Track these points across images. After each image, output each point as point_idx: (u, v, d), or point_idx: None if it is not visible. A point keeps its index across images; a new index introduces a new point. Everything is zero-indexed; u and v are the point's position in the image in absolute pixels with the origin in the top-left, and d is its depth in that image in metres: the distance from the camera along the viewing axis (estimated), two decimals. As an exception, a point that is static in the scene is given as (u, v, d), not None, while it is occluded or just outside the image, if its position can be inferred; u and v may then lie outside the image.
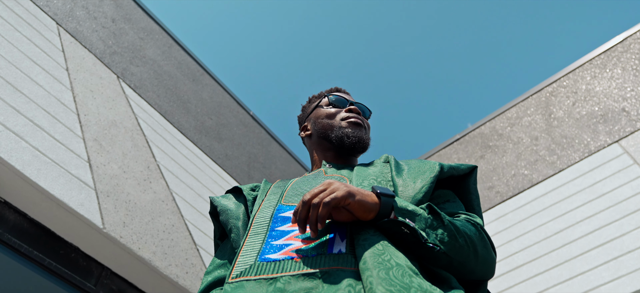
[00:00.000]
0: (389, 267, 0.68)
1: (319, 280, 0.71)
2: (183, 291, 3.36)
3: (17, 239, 2.86)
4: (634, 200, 3.93)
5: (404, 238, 0.78)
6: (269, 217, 0.92)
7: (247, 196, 1.06)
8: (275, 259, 0.79)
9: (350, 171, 1.05)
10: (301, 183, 1.01)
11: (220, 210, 1.04)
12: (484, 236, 0.87)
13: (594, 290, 3.67)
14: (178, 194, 3.79)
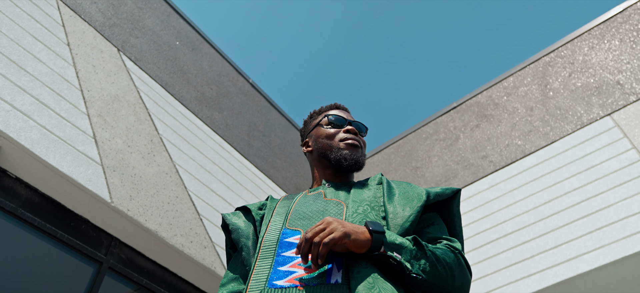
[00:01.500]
0: None
1: None
2: (188, 259, 3.56)
3: (30, 213, 3.00)
4: (620, 173, 4.08)
5: (392, 268, 0.91)
6: (275, 242, 1.04)
7: (255, 216, 1.18)
8: (281, 286, 0.92)
9: (347, 193, 1.15)
10: (303, 205, 1.12)
11: (232, 229, 1.17)
12: (461, 261, 0.99)
13: (576, 258, 3.88)
14: (181, 166, 3.92)
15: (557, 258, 3.99)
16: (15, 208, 2.94)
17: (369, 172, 6.41)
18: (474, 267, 4.44)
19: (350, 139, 1.23)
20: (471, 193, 5.00)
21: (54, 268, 3.12)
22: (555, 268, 3.95)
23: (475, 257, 4.49)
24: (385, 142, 6.51)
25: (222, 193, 4.21)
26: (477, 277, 4.36)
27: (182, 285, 3.75)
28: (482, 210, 4.77)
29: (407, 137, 6.28)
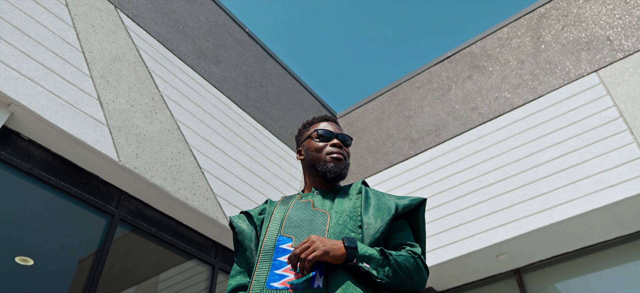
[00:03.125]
0: None
1: None
2: (192, 210, 3.86)
3: (45, 173, 3.24)
4: (599, 130, 4.30)
5: (363, 274, 1.15)
6: (272, 247, 1.26)
7: (256, 221, 1.41)
8: (276, 288, 1.17)
9: (332, 202, 1.37)
10: (295, 213, 1.34)
11: (237, 231, 1.41)
12: (420, 264, 1.23)
13: (551, 208, 4.21)
14: (182, 122, 4.11)
15: (533, 209, 4.32)
16: (31, 168, 3.17)
17: (364, 119, 6.62)
18: (458, 214, 4.79)
19: (335, 153, 1.44)
20: (459, 144, 5.24)
21: (71, 221, 3.42)
22: (531, 218, 4.29)
23: (459, 204, 4.83)
24: (380, 90, 6.65)
25: (222, 146, 4.44)
26: (459, 224, 4.72)
27: (188, 233, 4.09)
28: (468, 161, 5.05)
29: (401, 86, 6.42)
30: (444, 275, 4.90)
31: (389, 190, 5.55)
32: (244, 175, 4.52)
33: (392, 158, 5.78)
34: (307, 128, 1.55)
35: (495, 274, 4.94)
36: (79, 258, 3.43)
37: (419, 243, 1.36)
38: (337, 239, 1.22)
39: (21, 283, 3.18)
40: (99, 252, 3.40)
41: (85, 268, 3.39)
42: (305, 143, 1.52)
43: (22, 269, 3.24)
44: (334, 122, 1.55)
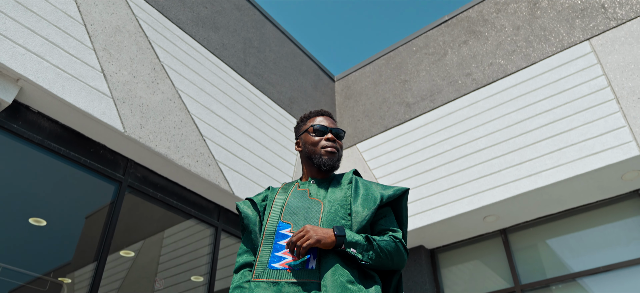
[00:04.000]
0: (335, 282, 1.26)
1: (299, 287, 1.30)
2: (195, 176, 4.06)
3: (55, 144, 3.41)
4: (587, 99, 4.45)
5: (350, 257, 1.35)
6: (273, 232, 1.45)
7: (259, 208, 1.60)
8: (277, 268, 1.37)
9: (326, 191, 1.55)
10: (294, 201, 1.53)
11: (243, 216, 1.60)
12: (400, 248, 1.42)
13: (536, 174, 4.43)
14: (183, 91, 4.24)
15: (520, 174, 4.53)
16: (42, 140, 3.34)
17: (361, 82, 6.72)
18: (449, 177, 5.01)
19: (329, 147, 1.61)
20: (452, 110, 5.39)
21: (82, 189, 3.62)
22: (517, 182, 4.51)
23: (450, 169, 5.04)
24: (377, 53, 6.71)
25: (222, 114, 4.59)
26: (450, 187, 4.96)
27: (192, 197, 4.31)
28: (460, 126, 5.21)
29: (398, 49, 6.47)
30: (434, 235, 5.19)
31: (384, 153, 5.75)
32: (243, 141, 4.70)
33: (388, 123, 5.95)
34: (304, 122, 1.71)
35: (483, 234, 5.24)
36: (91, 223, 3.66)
37: (401, 228, 1.55)
38: (329, 226, 1.41)
39: (35, 241, 3.42)
40: (108, 216, 3.63)
41: (92, 224, 3.63)
42: (303, 136, 1.68)
43: (36, 229, 3.47)
44: (329, 116, 1.71)
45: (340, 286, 1.28)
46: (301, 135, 1.70)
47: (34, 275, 3.30)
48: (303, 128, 1.70)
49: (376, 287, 1.35)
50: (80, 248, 3.53)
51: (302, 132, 1.69)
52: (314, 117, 1.69)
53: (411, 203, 5.14)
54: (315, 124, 1.65)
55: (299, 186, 1.61)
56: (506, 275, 4.93)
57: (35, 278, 3.27)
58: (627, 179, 4.28)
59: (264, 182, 4.75)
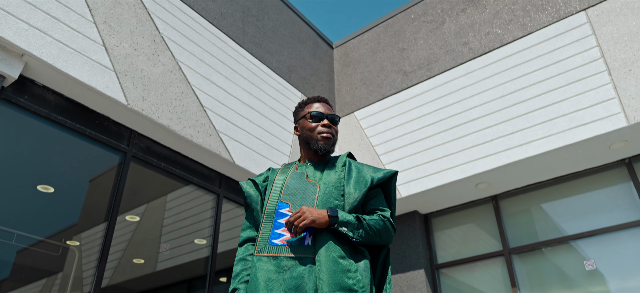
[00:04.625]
0: (328, 257, 1.42)
1: (296, 261, 1.46)
2: (197, 147, 4.19)
3: (61, 116, 3.52)
4: (580, 70, 4.53)
5: (342, 235, 1.50)
6: (273, 211, 1.59)
7: (260, 188, 1.73)
8: (276, 244, 1.52)
9: (321, 173, 1.69)
10: (292, 182, 1.66)
11: (246, 195, 1.74)
12: (387, 226, 1.58)
13: (528, 143, 4.57)
14: (183, 62, 4.31)
15: (512, 143, 4.67)
16: (48, 113, 3.45)
17: (359, 50, 6.74)
18: (444, 146, 5.15)
19: (325, 132, 1.73)
20: (449, 79, 5.47)
21: (88, 159, 3.76)
22: (509, 151, 4.66)
23: (445, 137, 5.18)
24: (376, 20, 6.70)
25: (222, 84, 4.67)
26: (444, 155, 5.11)
27: (194, 165, 4.46)
28: (456, 96, 5.31)
29: (397, 17, 6.47)
30: (428, 201, 5.38)
31: (380, 121, 5.86)
32: (243, 111, 4.80)
33: (385, 91, 6.03)
34: (302, 108, 1.82)
35: (474, 200, 5.43)
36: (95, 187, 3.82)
37: (390, 207, 1.70)
38: (324, 207, 1.56)
39: (42, 206, 3.59)
40: (115, 185, 3.78)
41: (96, 187, 3.79)
42: (301, 122, 1.80)
43: (44, 195, 3.64)
44: (325, 102, 1.82)
45: (332, 261, 1.44)
46: (299, 120, 1.82)
47: (47, 241, 3.49)
48: (301, 114, 1.82)
49: (365, 261, 1.51)
50: (85, 211, 3.71)
51: (300, 118, 1.81)
52: (311, 103, 1.81)
53: (407, 170, 5.30)
54: (313, 110, 1.77)
55: (297, 168, 1.75)
56: (495, 239, 5.16)
57: (48, 243, 3.46)
58: (614, 149, 4.43)
59: (264, 151, 4.89)
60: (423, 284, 5.14)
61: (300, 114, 1.82)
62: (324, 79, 6.57)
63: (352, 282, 1.41)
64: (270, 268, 1.49)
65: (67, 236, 3.60)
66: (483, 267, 5.15)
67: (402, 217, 5.63)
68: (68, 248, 3.56)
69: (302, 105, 1.83)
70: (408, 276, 5.28)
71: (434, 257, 5.49)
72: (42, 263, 3.42)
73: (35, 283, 3.40)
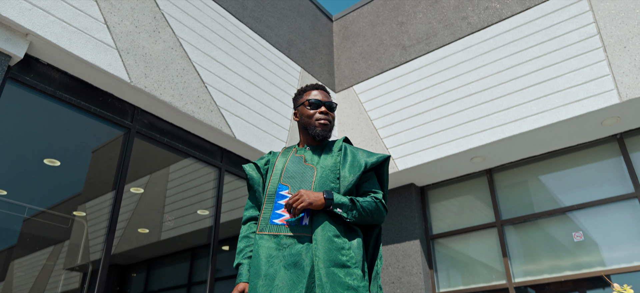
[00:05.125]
0: (324, 236, 1.55)
1: (294, 240, 1.59)
2: (198, 122, 4.30)
3: (66, 94, 3.61)
4: (576, 46, 4.58)
5: (337, 215, 1.63)
6: (274, 193, 1.72)
7: (262, 171, 1.85)
8: (277, 223, 1.65)
9: (319, 157, 1.80)
10: (291, 166, 1.78)
11: (249, 177, 1.86)
12: (379, 207, 1.70)
13: (522, 119, 4.67)
14: (183, 39, 4.36)
15: (507, 118, 4.77)
16: (54, 91, 3.54)
17: (358, 23, 6.74)
18: (440, 120, 5.25)
19: (322, 119, 1.84)
20: (447, 54, 5.52)
21: (93, 136, 3.87)
22: (503, 127, 4.77)
23: (442, 112, 5.27)
24: (375, -7, 6.67)
25: (222, 60, 4.73)
26: (440, 129, 5.21)
27: (196, 140, 4.58)
28: (453, 71, 5.37)
29: (396, -11, 6.44)
30: (424, 174, 5.53)
31: (379, 95, 5.94)
32: (243, 86, 4.88)
33: (384, 65, 6.08)
34: (301, 95, 1.92)
35: (469, 173, 5.58)
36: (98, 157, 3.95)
37: (382, 189, 1.83)
38: (321, 189, 1.69)
39: (49, 178, 3.73)
40: (120, 161, 3.91)
41: (99, 157, 3.92)
42: (300, 109, 1.91)
43: (50, 168, 3.77)
44: (323, 89, 1.92)
45: (327, 239, 1.57)
46: (298, 107, 1.92)
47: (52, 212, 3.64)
48: (300, 101, 1.92)
49: (358, 239, 1.64)
50: (89, 181, 3.85)
51: (299, 105, 1.92)
52: (310, 90, 1.90)
53: (404, 144, 5.42)
54: (311, 98, 1.87)
55: (296, 152, 1.87)
56: (489, 211, 5.33)
57: (54, 214, 3.62)
58: (606, 124, 4.53)
59: (264, 125, 4.99)
60: (418, 254, 5.35)
61: (299, 101, 1.92)
62: (323, 53, 6.60)
63: (345, 258, 1.55)
64: (271, 246, 1.63)
65: (72, 205, 3.75)
66: (476, 237, 5.34)
67: (399, 189, 5.79)
68: (74, 218, 3.72)
69: (301, 93, 1.93)
70: (404, 246, 5.48)
71: (429, 228, 5.68)
72: (49, 232, 3.59)
73: (42, 250, 3.57)
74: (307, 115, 1.86)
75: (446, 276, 5.39)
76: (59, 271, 3.60)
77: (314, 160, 1.81)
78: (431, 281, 5.36)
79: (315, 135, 1.84)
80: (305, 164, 1.79)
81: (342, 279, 1.50)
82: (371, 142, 5.72)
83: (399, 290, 5.28)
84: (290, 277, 1.54)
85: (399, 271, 5.37)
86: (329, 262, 1.53)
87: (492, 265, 5.11)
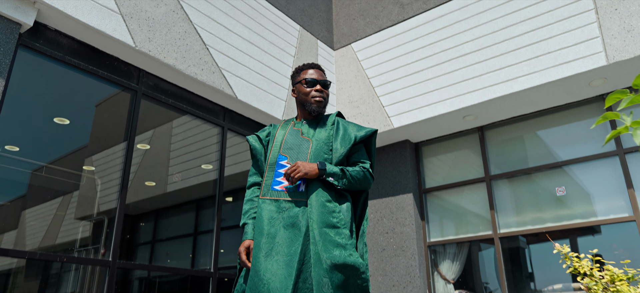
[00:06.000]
0: (318, 201, 1.81)
1: (292, 204, 1.85)
2: (201, 84, 4.48)
3: (74, 58, 3.78)
4: (569, 8, 4.67)
5: (329, 183, 1.88)
6: (274, 162, 1.96)
7: (263, 142, 2.07)
8: (277, 189, 1.89)
9: (314, 131, 2.01)
10: (290, 138, 1.99)
11: (252, 147, 2.08)
12: (366, 175, 1.94)
13: (513, 79, 4.84)
14: (185, 1, 4.45)
15: (499, 79, 4.95)
16: (62, 56, 3.70)
17: (356, -20, 6.71)
18: (435, 79, 5.41)
19: (318, 97, 2.04)
20: (443, 13, 5.59)
21: (108, 110, 4.07)
22: (495, 87, 4.95)
23: (437, 71, 5.43)
24: (374, -52, 6.61)
25: (223, 21, 4.84)
26: (434, 89, 5.39)
27: (199, 100, 4.78)
28: (449, 30, 5.47)
29: (395, -55, 6.39)
30: (419, 131, 5.76)
31: (376, 54, 6.06)
32: (244, 47, 5.02)
33: (382, 23, 6.16)
34: (298, 73, 2.12)
35: (462, 130, 5.81)
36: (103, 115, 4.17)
37: (370, 159, 2.06)
38: (316, 160, 1.92)
39: (59, 136, 3.97)
40: (128, 123, 4.13)
41: (102, 111, 4.14)
42: (297, 86, 2.11)
43: (60, 126, 4.00)
44: (319, 68, 2.12)
45: (321, 204, 1.82)
46: (296, 84, 2.12)
47: (59, 168, 3.91)
48: (297, 79, 2.12)
49: (347, 203, 1.90)
50: (94, 135, 4.09)
51: (296, 82, 2.12)
52: (306, 70, 2.10)
53: (400, 102, 5.62)
54: (307, 76, 2.07)
55: (294, 125, 2.09)
56: (479, 166, 5.61)
57: (63, 171, 3.89)
58: (593, 85, 4.71)
59: (264, 85, 5.17)
60: (411, 206, 5.68)
61: (296, 79, 2.12)
62: (322, 10, 6.65)
63: (335, 220, 1.81)
64: (272, 209, 1.89)
65: (79, 157, 4.00)
66: (466, 191, 5.65)
67: (394, 145, 6.04)
68: (81, 175, 4.00)
69: (298, 71, 2.13)
70: (398, 199, 5.80)
71: (423, 182, 5.98)
72: (58, 185, 3.88)
73: (52, 201, 3.87)
74: (304, 93, 2.07)
75: (436, 227, 5.75)
76: (70, 221, 3.92)
77: (310, 133, 2.03)
78: (423, 232, 5.72)
79: (311, 110, 2.05)
80: (302, 137, 2.02)
81: (332, 238, 1.76)
82: (368, 100, 5.91)
83: (392, 240, 5.66)
84: (289, 235, 1.81)
85: (392, 222, 5.72)
86: (321, 223, 1.79)
87: (479, 217, 5.45)
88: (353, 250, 1.76)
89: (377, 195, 5.96)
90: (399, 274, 5.46)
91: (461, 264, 5.50)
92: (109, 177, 4.11)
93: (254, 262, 1.80)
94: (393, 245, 5.63)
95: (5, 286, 3.47)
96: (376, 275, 5.62)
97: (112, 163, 4.16)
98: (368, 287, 1.74)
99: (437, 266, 5.61)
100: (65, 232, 4.01)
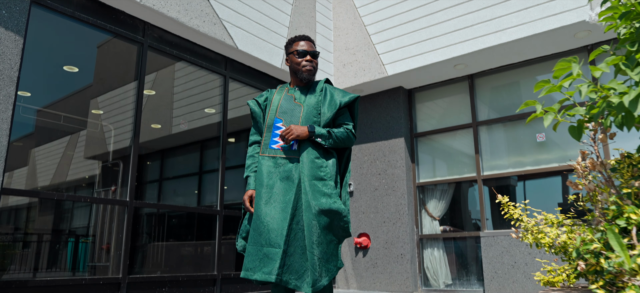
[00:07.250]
0: (308, 157, 2.17)
1: (287, 160, 2.21)
2: (203, 35, 4.71)
3: (83, 14, 4.00)
4: (560, -40, 4.78)
5: (318, 143, 2.23)
6: (271, 124, 2.29)
7: (262, 106, 2.39)
8: (274, 148, 2.25)
9: (305, 96, 2.32)
10: (285, 103, 2.30)
11: (252, 111, 2.41)
12: (350, 135, 2.28)
13: (503, 30, 5.04)
14: (184, -47, 4.57)
15: (487, 30, 5.15)
16: (72, 11, 3.92)
17: None
18: (428, 29, 5.60)
19: (308, 66, 2.34)
20: (439, -39, 5.66)
21: (110, 51, 4.33)
22: (484, 38, 5.17)
23: (430, 21, 5.60)
24: None
25: (222, -28, 4.97)
26: (427, 38, 5.60)
27: (202, 50, 5.02)
28: (444, -21, 5.58)
29: None
30: (412, 78, 6.03)
31: (373, 1, 6.18)
32: (243, -3, 5.17)
33: (379, -30, 6.22)
34: (291, 44, 2.41)
35: (453, 78, 6.07)
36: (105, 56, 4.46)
37: (353, 121, 2.40)
38: (306, 123, 2.26)
39: (68, 83, 4.27)
40: (136, 74, 4.42)
41: (104, 52, 4.42)
42: (290, 56, 2.41)
43: (70, 74, 4.30)
44: (309, 40, 2.40)
45: (310, 161, 2.19)
46: (289, 55, 2.42)
47: (89, 120, 4.25)
48: (290, 50, 2.41)
49: (333, 159, 2.27)
50: (97, 76, 4.39)
51: (289, 53, 2.42)
52: (298, 41, 2.39)
53: (395, 50, 5.84)
54: (299, 48, 2.37)
55: (288, 91, 2.42)
56: (467, 113, 5.93)
57: (79, 115, 4.24)
58: (578, 37, 4.92)
59: (263, 34, 5.38)
60: (402, 149, 6.07)
61: (289, 50, 2.42)
62: (320, -46, 6.66)
63: (322, 173, 2.18)
64: (270, 164, 2.26)
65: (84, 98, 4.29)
66: (454, 136, 6.01)
67: (388, 92, 6.33)
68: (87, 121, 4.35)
69: (291, 42, 2.42)
70: (390, 143, 6.18)
71: (414, 127, 6.33)
72: (65, 126, 4.25)
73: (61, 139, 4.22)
74: (296, 62, 2.37)
75: (425, 169, 6.18)
76: (80, 159, 4.29)
77: (301, 98, 2.36)
78: (413, 173, 6.16)
79: (302, 78, 2.37)
80: (295, 103, 2.35)
81: (320, 188, 2.15)
82: (364, 48, 6.13)
83: (384, 180, 6.11)
84: (284, 186, 2.19)
85: (384, 164, 6.15)
86: (311, 177, 2.17)
87: (465, 161, 5.86)
88: (337, 198, 2.15)
89: (371, 139, 6.34)
90: (389, 211, 5.96)
91: (447, 203, 5.98)
92: (115, 119, 4.43)
93: (256, 208, 2.20)
94: (384, 185, 6.09)
95: (20, 220, 3.92)
96: (368, 212, 6.14)
97: (117, 105, 4.47)
98: (349, 228, 2.16)
99: (424, 204, 6.10)
100: (74, 170, 4.38)
